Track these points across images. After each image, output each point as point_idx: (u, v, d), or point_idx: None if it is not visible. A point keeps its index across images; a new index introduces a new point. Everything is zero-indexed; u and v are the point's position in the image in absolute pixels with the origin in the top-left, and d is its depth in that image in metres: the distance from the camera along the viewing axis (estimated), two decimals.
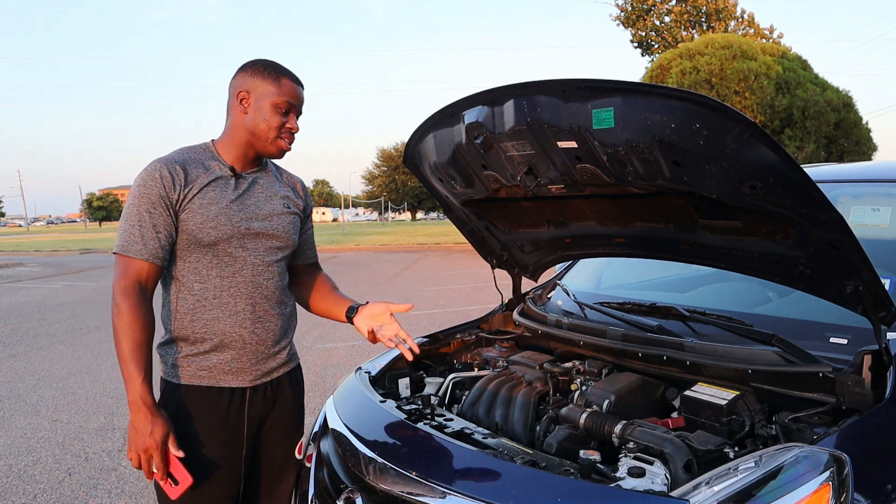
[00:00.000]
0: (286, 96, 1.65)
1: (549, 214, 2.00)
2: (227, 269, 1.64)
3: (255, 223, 1.68)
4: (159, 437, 1.51)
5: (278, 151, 1.70)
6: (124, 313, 1.52)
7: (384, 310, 1.82)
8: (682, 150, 1.36)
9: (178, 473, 1.54)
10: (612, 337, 1.92)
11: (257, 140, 1.66)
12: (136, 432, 1.51)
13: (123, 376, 1.52)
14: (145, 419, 1.50)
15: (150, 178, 1.57)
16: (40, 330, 7.98)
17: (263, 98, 1.64)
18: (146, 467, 1.52)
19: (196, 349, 1.65)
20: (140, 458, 1.51)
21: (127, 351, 1.51)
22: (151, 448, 1.50)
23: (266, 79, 1.65)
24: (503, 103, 1.57)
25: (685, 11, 23.02)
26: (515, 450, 1.48)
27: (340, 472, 1.67)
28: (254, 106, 1.64)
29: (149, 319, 1.55)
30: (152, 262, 1.57)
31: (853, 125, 13.66)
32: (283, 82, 1.66)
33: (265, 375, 1.73)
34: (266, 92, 1.64)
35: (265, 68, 1.66)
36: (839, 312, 1.55)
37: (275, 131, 1.66)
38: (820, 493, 1.13)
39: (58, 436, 4.17)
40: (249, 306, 1.67)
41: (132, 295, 1.54)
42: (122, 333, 1.51)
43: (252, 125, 1.65)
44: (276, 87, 1.64)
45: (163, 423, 1.52)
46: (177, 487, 1.54)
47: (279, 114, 1.65)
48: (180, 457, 1.54)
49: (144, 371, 1.52)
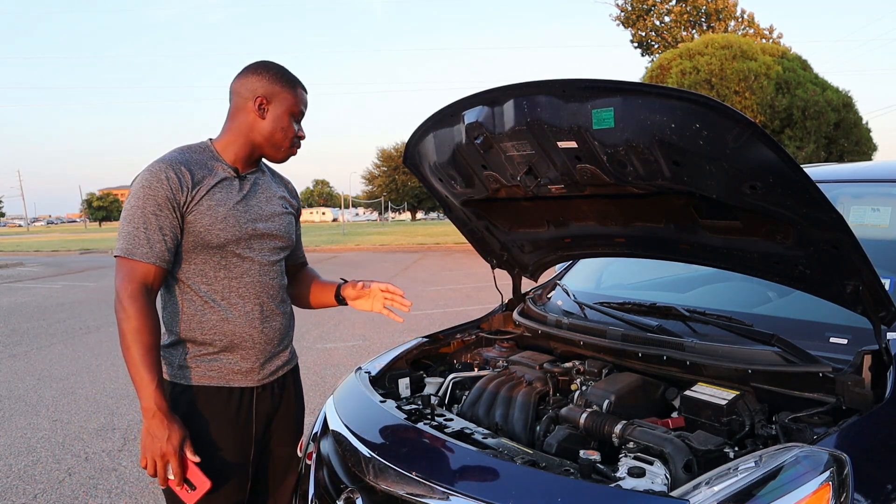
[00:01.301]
0: (302, 105, 1.68)
1: (549, 214, 2.00)
2: (234, 269, 1.64)
3: (259, 224, 1.68)
4: (177, 442, 1.48)
5: (287, 158, 1.72)
6: (132, 318, 1.48)
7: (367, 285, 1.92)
8: (682, 150, 1.36)
9: (196, 478, 1.52)
10: (612, 337, 1.92)
11: (270, 146, 1.67)
12: (153, 438, 1.48)
13: (135, 382, 1.49)
14: (161, 424, 1.47)
15: (156, 179, 1.54)
16: (40, 330, 7.97)
17: (282, 106, 1.65)
18: (161, 474, 1.49)
19: (205, 350, 1.63)
20: (156, 464, 1.48)
21: (138, 356, 1.48)
22: (169, 454, 1.48)
23: (285, 87, 1.66)
24: (503, 103, 1.57)
25: (685, 11, 23.01)
26: (515, 450, 1.47)
27: (340, 472, 1.67)
28: (272, 113, 1.65)
29: (156, 323, 1.54)
30: (158, 265, 1.54)
31: (853, 125, 13.64)
32: (298, 92, 1.68)
33: (272, 374, 1.73)
34: (285, 100, 1.65)
35: (282, 75, 1.67)
36: (839, 312, 1.55)
37: (289, 139, 1.68)
38: (820, 493, 1.13)
39: (58, 436, 4.17)
40: (258, 306, 1.67)
41: (139, 299, 1.50)
42: (131, 338, 1.48)
43: (269, 132, 1.65)
44: (294, 97, 1.66)
45: (179, 428, 1.50)
46: (194, 493, 1.52)
47: (294, 122, 1.68)
48: (197, 462, 1.52)
49: (157, 376, 1.49)
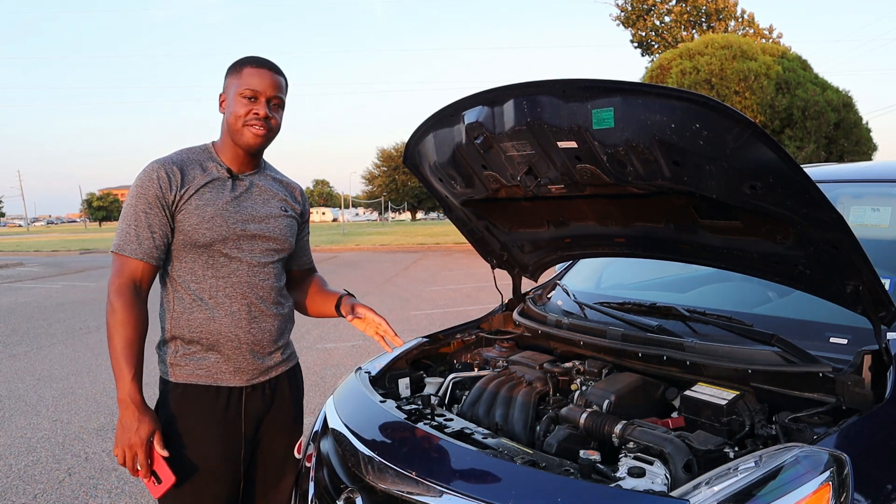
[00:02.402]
0: (246, 84, 1.66)
1: (549, 214, 2.00)
2: (221, 269, 1.66)
3: (250, 225, 1.69)
4: (145, 434, 1.53)
5: (253, 138, 1.67)
6: (118, 311, 1.55)
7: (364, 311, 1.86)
8: (682, 150, 1.36)
9: (162, 472, 1.56)
10: (612, 337, 1.92)
11: (233, 133, 1.67)
12: (124, 429, 1.54)
13: (114, 373, 1.55)
14: (132, 416, 1.53)
15: (148, 178, 1.60)
16: (40, 330, 7.97)
17: (231, 92, 1.67)
18: (130, 464, 1.54)
19: (192, 348, 1.66)
20: (125, 454, 1.54)
21: (119, 348, 1.54)
22: (136, 445, 1.53)
23: (231, 74, 1.68)
24: (503, 103, 1.57)
25: (685, 11, 23.01)
26: (515, 450, 1.47)
27: (340, 472, 1.67)
28: (227, 104, 1.68)
29: (142, 318, 1.58)
30: (146, 261, 1.60)
31: (853, 125, 13.64)
32: (244, 72, 1.67)
33: (262, 374, 1.73)
34: (231, 85, 1.67)
35: (232, 65, 1.70)
36: (839, 312, 1.55)
37: (241, 120, 1.66)
38: (820, 493, 1.13)
39: (58, 436, 4.17)
40: (245, 307, 1.67)
41: (126, 293, 1.57)
42: (114, 331, 1.55)
43: (227, 121, 1.68)
44: (238, 78, 1.67)
45: (150, 420, 1.55)
46: (159, 486, 1.56)
47: (244, 103, 1.66)
48: (165, 455, 1.56)
49: (135, 369, 1.55)
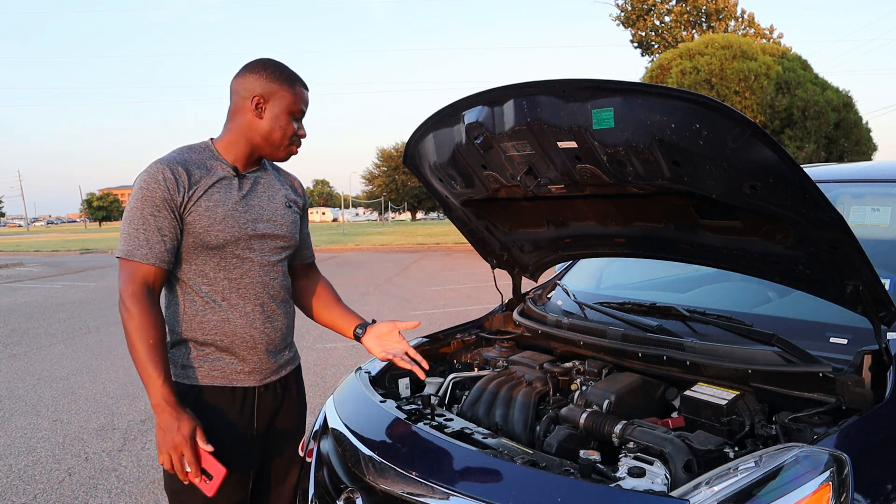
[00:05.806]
0: (301, 104, 1.65)
1: (549, 214, 2.00)
2: (234, 270, 1.63)
3: (260, 224, 1.67)
4: (187, 431, 1.49)
5: (287, 157, 1.70)
6: (136, 317, 1.50)
7: (391, 329, 1.83)
8: (682, 150, 1.36)
9: (211, 467, 1.52)
10: (612, 337, 1.92)
11: (269, 146, 1.65)
12: (164, 432, 1.48)
13: (143, 379, 1.50)
14: (171, 417, 1.48)
15: (153, 180, 1.54)
16: (40, 330, 7.97)
17: (280, 105, 1.62)
18: (178, 466, 1.50)
19: (207, 350, 1.64)
20: (171, 457, 1.49)
21: (143, 354, 1.49)
22: (181, 444, 1.48)
23: (282, 85, 1.63)
24: (503, 103, 1.57)
25: (685, 11, 23.01)
26: (515, 450, 1.47)
27: (340, 471, 1.67)
28: (270, 112, 1.62)
29: (160, 320, 1.55)
30: (158, 265, 1.55)
31: (853, 125, 13.64)
32: (297, 90, 1.65)
33: (274, 373, 1.73)
34: (283, 99, 1.63)
35: (280, 73, 1.64)
36: (839, 312, 1.55)
37: (289, 139, 1.66)
38: (820, 493, 1.13)
39: (58, 436, 4.17)
40: (259, 306, 1.67)
41: (142, 298, 1.52)
42: (135, 336, 1.50)
43: (267, 131, 1.63)
44: (293, 95, 1.64)
45: (189, 418, 1.50)
46: (211, 482, 1.52)
47: (293, 121, 1.65)
48: (210, 451, 1.51)
49: (164, 371, 1.50)
